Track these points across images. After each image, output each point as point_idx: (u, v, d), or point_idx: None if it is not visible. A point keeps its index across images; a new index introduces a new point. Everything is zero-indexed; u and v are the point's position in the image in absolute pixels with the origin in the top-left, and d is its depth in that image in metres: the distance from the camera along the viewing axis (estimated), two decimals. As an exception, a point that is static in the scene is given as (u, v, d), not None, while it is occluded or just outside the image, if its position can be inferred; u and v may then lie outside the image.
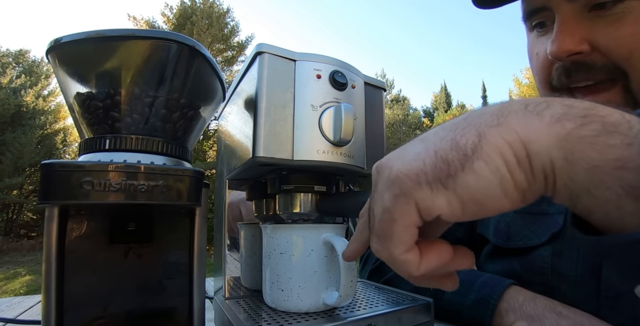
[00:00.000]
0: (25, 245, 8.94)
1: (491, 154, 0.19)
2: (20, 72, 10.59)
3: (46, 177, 0.26)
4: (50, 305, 0.28)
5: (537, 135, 0.19)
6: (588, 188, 0.18)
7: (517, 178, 0.19)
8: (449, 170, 0.19)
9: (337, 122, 0.36)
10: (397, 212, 0.21)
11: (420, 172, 0.20)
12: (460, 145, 0.20)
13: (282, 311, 0.39)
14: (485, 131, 0.20)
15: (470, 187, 0.19)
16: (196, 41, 0.34)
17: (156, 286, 0.36)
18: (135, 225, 0.35)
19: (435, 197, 0.20)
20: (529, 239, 0.47)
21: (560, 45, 0.36)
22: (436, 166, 0.20)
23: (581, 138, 0.18)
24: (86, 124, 0.33)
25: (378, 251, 0.23)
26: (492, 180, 0.19)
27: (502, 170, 0.19)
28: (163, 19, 10.74)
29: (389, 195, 0.21)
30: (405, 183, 0.20)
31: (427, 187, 0.20)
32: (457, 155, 0.20)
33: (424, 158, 0.21)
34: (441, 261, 0.22)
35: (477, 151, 0.19)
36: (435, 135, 0.22)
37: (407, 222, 0.21)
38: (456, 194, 0.20)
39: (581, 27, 0.36)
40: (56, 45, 0.32)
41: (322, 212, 0.43)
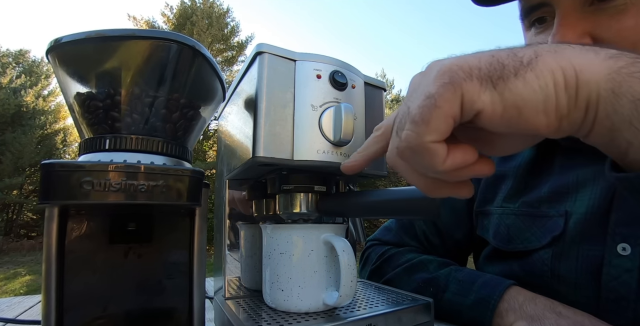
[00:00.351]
0: (25, 245, 8.94)
1: (544, 70, 0.20)
2: (20, 72, 10.58)
3: (46, 177, 0.26)
4: (50, 305, 0.28)
5: (591, 66, 0.20)
6: (630, 119, 0.19)
7: (560, 100, 0.20)
8: (503, 72, 0.20)
9: (337, 122, 0.36)
10: (442, 99, 0.21)
11: (475, 66, 0.21)
12: (518, 55, 0.21)
13: (282, 311, 0.39)
14: (542, 53, 0.21)
15: (518, 92, 0.20)
16: (196, 41, 0.34)
17: (156, 286, 0.36)
18: (135, 225, 0.35)
19: (482, 93, 0.21)
20: (529, 242, 0.47)
21: (562, 39, 0.36)
22: (491, 65, 0.21)
23: (631, 73, 0.19)
24: (86, 124, 0.33)
25: (408, 137, 0.22)
26: (539, 93, 0.20)
27: (550, 88, 0.20)
28: (163, 19, 10.75)
29: (437, 84, 0.21)
30: (457, 74, 0.21)
31: (477, 81, 0.21)
32: (513, 62, 0.21)
33: (480, 57, 0.21)
34: (466, 160, 0.22)
35: (532, 64, 0.20)
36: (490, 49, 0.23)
37: (449, 111, 0.21)
38: (502, 96, 0.20)
39: (583, 21, 0.35)
40: (56, 45, 0.32)
41: (322, 212, 0.43)
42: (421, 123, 0.21)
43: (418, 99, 0.22)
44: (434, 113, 0.21)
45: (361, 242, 0.59)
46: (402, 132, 0.23)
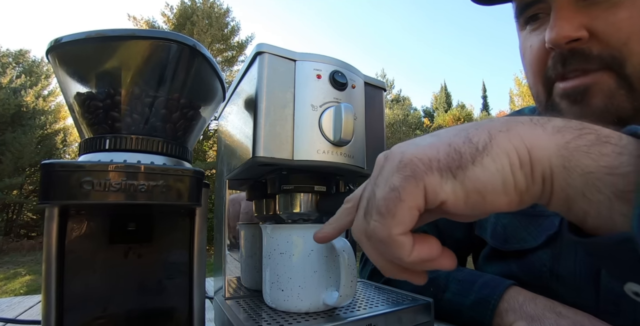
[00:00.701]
0: (25, 245, 8.94)
1: (499, 153, 0.21)
2: (20, 72, 10.58)
3: (46, 177, 0.26)
4: (50, 305, 0.28)
5: (540, 143, 0.21)
6: (583, 191, 0.20)
7: (518, 179, 0.21)
8: (461, 161, 0.21)
9: (337, 122, 0.36)
10: (406, 192, 0.22)
11: (434, 158, 0.22)
12: (473, 141, 0.22)
13: (282, 311, 0.39)
14: (495, 134, 0.22)
15: (477, 179, 0.21)
16: (196, 41, 0.34)
17: (156, 286, 0.36)
18: (135, 225, 0.35)
19: (443, 184, 0.21)
20: (525, 241, 0.47)
21: (560, 31, 0.36)
22: (449, 155, 0.22)
23: (578, 147, 0.21)
24: (86, 124, 0.33)
25: (375, 229, 0.23)
26: (497, 176, 0.21)
27: (506, 169, 0.21)
28: (163, 19, 10.75)
29: (400, 176, 0.22)
30: (417, 167, 0.22)
31: (437, 173, 0.21)
32: (469, 149, 0.21)
33: (438, 147, 0.22)
34: (431, 254, 0.24)
35: (487, 149, 0.21)
36: (447, 132, 0.24)
37: (413, 203, 0.22)
38: (463, 184, 0.21)
39: (578, 14, 0.36)
40: (56, 45, 0.32)
41: (322, 212, 0.43)
42: (387, 215, 0.22)
43: (383, 189, 0.23)
44: (399, 206, 0.22)
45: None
46: (370, 219, 0.24)
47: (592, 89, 0.37)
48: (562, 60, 0.38)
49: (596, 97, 0.37)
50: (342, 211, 0.29)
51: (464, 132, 0.23)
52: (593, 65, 0.37)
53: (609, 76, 0.36)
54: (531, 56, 0.42)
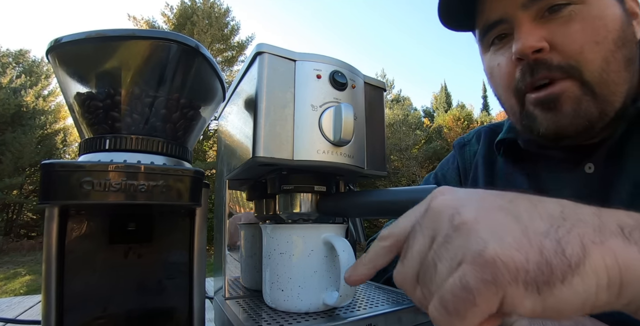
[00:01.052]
0: (25, 245, 8.94)
1: (590, 274, 0.19)
2: (20, 72, 10.58)
3: (46, 177, 0.26)
4: (50, 305, 0.28)
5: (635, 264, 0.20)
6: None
7: (600, 298, 0.20)
8: (550, 277, 0.19)
9: (337, 122, 0.36)
10: (482, 299, 0.19)
11: (522, 268, 0.19)
12: (566, 253, 0.19)
13: (282, 311, 0.39)
14: (589, 246, 0.20)
15: (561, 299, 0.19)
16: (196, 41, 0.34)
17: (156, 286, 0.36)
18: (135, 225, 0.35)
19: (525, 299, 0.19)
20: None
21: (525, 42, 0.40)
22: (539, 267, 0.19)
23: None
24: (86, 124, 0.33)
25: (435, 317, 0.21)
26: (581, 296, 0.20)
27: (592, 289, 0.19)
28: (163, 19, 10.75)
29: (477, 277, 0.20)
30: (501, 273, 0.19)
31: (523, 286, 0.19)
32: (561, 264, 0.19)
33: (528, 252, 0.20)
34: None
35: (579, 267, 0.19)
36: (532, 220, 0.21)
37: (486, 309, 0.20)
38: (544, 301, 0.20)
39: (539, 28, 0.41)
40: (56, 45, 0.32)
41: (322, 212, 0.43)
42: (454, 314, 0.20)
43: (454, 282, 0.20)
44: (470, 310, 0.20)
45: (361, 241, 0.59)
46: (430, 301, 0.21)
47: (562, 97, 0.41)
48: (530, 71, 0.42)
49: (566, 104, 0.41)
50: (378, 251, 0.27)
51: (554, 230, 0.20)
52: (557, 74, 0.40)
53: (573, 84, 0.40)
54: (500, 72, 0.46)
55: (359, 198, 0.41)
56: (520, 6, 0.41)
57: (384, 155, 0.45)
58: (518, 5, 0.41)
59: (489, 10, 0.45)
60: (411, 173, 11.51)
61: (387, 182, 9.36)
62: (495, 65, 0.46)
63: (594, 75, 0.39)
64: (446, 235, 0.22)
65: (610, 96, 0.40)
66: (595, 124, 0.41)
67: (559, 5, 0.40)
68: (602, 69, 0.39)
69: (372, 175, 0.44)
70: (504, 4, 0.42)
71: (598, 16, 0.40)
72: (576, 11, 0.40)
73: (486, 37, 0.47)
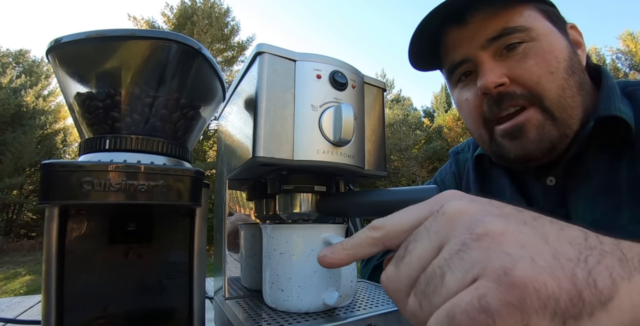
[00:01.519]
0: (25, 245, 8.94)
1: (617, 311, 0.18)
2: (20, 72, 10.58)
3: (46, 177, 0.26)
4: (50, 305, 0.28)
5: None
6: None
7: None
8: (581, 311, 0.18)
9: (337, 122, 0.36)
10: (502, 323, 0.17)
11: (553, 296, 0.17)
12: (598, 287, 0.18)
13: (282, 311, 0.39)
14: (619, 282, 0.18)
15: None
16: (196, 41, 0.34)
17: (156, 286, 0.36)
18: (135, 225, 0.35)
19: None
20: None
21: (488, 78, 0.45)
22: (571, 300, 0.18)
23: None
24: (86, 124, 0.33)
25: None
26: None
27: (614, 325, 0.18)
28: (163, 19, 10.74)
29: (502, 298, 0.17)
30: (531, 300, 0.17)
31: (550, 316, 0.17)
32: (593, 297, 0.18)
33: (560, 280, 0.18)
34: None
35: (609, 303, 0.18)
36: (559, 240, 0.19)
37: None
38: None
39: (499, 65, 0.46)
40: (56, 45, 0.32)
41: (322, 212, 0.43)
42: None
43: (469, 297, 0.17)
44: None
45: (361, 242, 0.59)
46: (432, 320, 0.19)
47: (526, 126, 0.45)
48: (496, 103, 0.47)
49: (530, 131, 0.45)
50: (364, 238, 0.25)
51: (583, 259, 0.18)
52: (520, 101, 0.45)
53: (536, 111, 0.45)
54: (468, 106, 0.51)
55: (359, 198, 0.41)
56: (480, 47, 0.47)
57: (384, 155, 0.45)
58: (478, 46, 0.47)
59: (453, 52, 0.50)
60: (411, 173, 11.51)
61: (387, 182, 9.36)
62: (463, 99, 0.52)
63: (553, 102, 0.44)
64: (463, 243, 0.19)
65: (568, 119, 0.45)
66: (557, 145, 0.46)
67: (513, 44, 0.46)
68: (559, 95, 0.45)
69: (372, 175, 0.44)
70: (466, 45, 0.48)
71: (548, 50, 0.45)
72: (529, 47, 0.45)
73: (453, 75, 0.53)
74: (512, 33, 0.45)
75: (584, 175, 0.47)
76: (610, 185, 0.44)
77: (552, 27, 0.47)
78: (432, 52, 0.54)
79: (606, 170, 0.45)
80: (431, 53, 0.55)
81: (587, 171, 0.47)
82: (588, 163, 0.47)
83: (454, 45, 0.50)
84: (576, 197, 0.47)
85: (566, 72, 0.45)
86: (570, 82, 0.45)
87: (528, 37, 0.45)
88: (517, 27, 0.45)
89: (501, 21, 0.46)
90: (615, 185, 0.44)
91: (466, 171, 0.65)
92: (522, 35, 0.45)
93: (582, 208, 0.46)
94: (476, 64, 0.48)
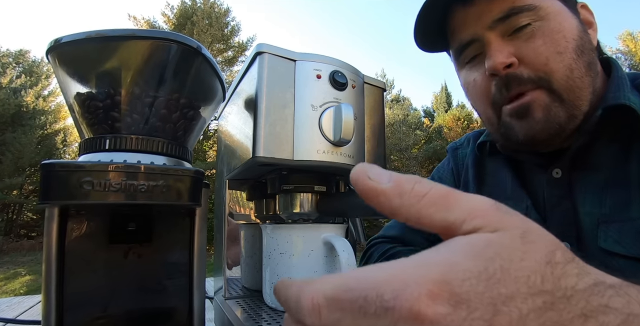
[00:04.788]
0: (25, 245, 8.94)
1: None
2: (20, 72, 10.58)
3: (46, 177, 0.26)
4: (50, 305, 0.28)
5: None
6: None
7: None
8: None
9: (337, 122, 0.36)
10: None
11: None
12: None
13: (282, 311, 0.39)
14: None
15: None
16: (196, 41, 0.34)
17: (156, 286, 0.36)
18: (135, 225, 0.35)
19: None
20: None
21: (496, 59, 0.44)
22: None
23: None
24: (86, 124, 0.33)
25: None
26: None
27: None
28: (163, 18, 10.74)
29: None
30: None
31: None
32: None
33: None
34: None
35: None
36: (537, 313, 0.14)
37: None
38: None
39: (506, 45, 0.45)
40: (56, 45, 0.32)
41: (322, 212, 0.43)
42: None
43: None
44: None
45: (361, 242, 0.59)
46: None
47: (533, 106, 0.45)
48: (504, 85, 0.45)
49: (537, 111, 0.45)
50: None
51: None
52: (528, 86, 0.44)
53: (542, 92, 0.44)
54: (476, 87, 0.50)
55: (359, 198, 0.41)
56: (487, 27, 0.46)
57: (384, 155, 0.45)
58: (485, 26, 0.46)
59: (460, 33, 0.49)
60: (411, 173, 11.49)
61: (387, 182, 9.32)
62: (471, 80, 0.50)
63: (561, 83, 0.43)
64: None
65: (576, 100, 0.44)
66: (565, 127, 0.45)
67: (522, 26, 0.44)
68: (567, 76, 0.43)
69: (372, 175, 0.44)
70: (473, 26, 0.47)
71: (557, 29, 0.44)
72: (537, 27, 0.44)
73: (461, 56, 0.51)
74: (519, 12, 0.44)
75: (591, 167, 0.46)
76: (619, 177, 0.44)
77: (562, 6, 0.45)
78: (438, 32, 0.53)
79: (615, 163, 0.44)
80: (437, 33, 0.53)
81: (595, 163, 0.46)
82: (596, 155, 0.46)
83: (461, 25, 0.49)
84: (583, 190, 0.46)
85: (575, 52, 0.44)
86: (579, 62, 0.44)
87: (536, 16, 0.44)
88: (524, 6, 0.44)
89: (508, 1, 0.44)
90: (624, 177, 0.43)
91: (465, 167, 0.64)
92: (530, 14, 0.44)
93: (589, 202, 0.45)
94: (484, 44, 0.47)
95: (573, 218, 0.45)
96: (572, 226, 0.45)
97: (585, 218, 0.44)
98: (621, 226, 0.41)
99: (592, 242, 0.43)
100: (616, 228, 0.42)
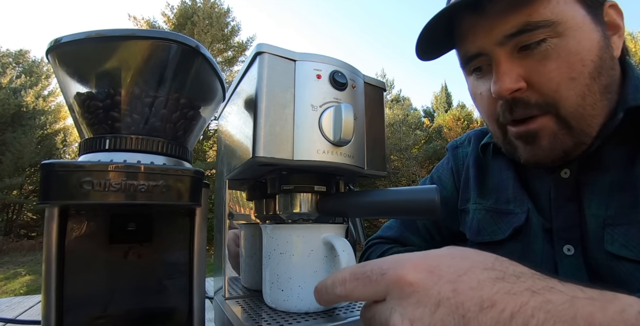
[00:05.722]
0: (25, 245, 8.93)
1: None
2: (20, 72, 10.57)
3: (46, 177, 0.26)
4: (50, 305, 0.28)
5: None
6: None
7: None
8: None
9: (337, 122, 0.36)
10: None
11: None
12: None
13: (282, 311, 0.39)
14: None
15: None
16: (196, 41, 0.34)
17: (156, 286, 0.36)
18: (135, 225, 0.35)
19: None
20: (495, 234, 0.52)
21: (502, 85, 0.41)
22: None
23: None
24: (86, 124, 0.33)
25: None
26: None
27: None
28: (163, 18, 10.74)
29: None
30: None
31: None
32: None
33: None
34: None
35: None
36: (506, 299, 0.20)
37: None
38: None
39: (516, 66, 0.41)
40: (56, 45, 0.32)
41: (322, 212, 0.43)
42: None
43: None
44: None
45: (361, 241, 0.59)
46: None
47: (540, 133, 0.43)
48: (509, 109, 0.43)
49: (544, 139, 0.43)
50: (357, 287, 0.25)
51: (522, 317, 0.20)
52: (534, 111, 0.42)
53: (550, 119, 0.42)
54: (483, 102, 0.48)
55: (359, 198, 0.41)
56: (496, 43, 0.42)
57: (384, 155, 0.45)
58: (495, 41, 0.42)
59: (467, 44, 0.46)
60: (411, 173, 11.51)
61: (387, 182, 9.36)
62: (478, 93, 0.49)
63: (570, 110, 0.41)
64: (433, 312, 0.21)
65: (586, 128, 0.42)
66: (570, 153, 0.43)
67: (536, 42, 0.40)
68: (577, 104, 0.41)
69: (372, 175, 0.44)
70: (482, 38, 0.43)
71: (574, 51, 0.40)
72: (552, 46, 0.40)
73: (467, 66, 0.48)
74: (534, 29, 0.39)
75: (601, 168, 0.45)
76: (627, 179, 0.42)
77: (585, 16, 0.41)
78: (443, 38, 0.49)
79: (623, 165, 0.43)
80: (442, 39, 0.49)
81: (604, 165, 0.44)
82: (606, 157, 0.44)
83: (469, 35, 0.45)
84: (590, 191, 0.45)
85: (590, 76, 0.40)
86: (593, 87, 0.41)
87: (553, 33, 0.39)
88: (541, 21, 0.39)
89: (523, 14, 0.39)
90: (632, 180, 0.42)
91: (465, 166, 0.63)
92: (546, 31, 0.39)
93: (595, 204, 0.44)
94: (491, 61, 0.44)
95: (578, 220, 0.45)
96: (577, 228, 0.44)
97: (590, 219, 0.43)
98: (628, 229, 0.40)
99: (598, 245, 0.42)
100: (622, 231, 0.41)
